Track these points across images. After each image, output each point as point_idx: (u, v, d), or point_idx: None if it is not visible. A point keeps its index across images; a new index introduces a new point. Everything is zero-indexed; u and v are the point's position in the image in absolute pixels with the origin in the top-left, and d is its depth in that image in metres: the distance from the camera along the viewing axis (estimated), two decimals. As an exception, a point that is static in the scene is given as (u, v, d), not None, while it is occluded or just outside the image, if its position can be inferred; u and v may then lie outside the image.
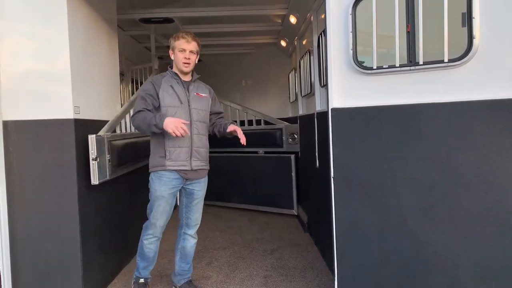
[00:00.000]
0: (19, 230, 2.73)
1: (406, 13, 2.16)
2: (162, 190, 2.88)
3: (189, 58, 2.83)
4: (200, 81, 3.07)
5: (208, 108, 3.00)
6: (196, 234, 3.19)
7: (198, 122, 2.91)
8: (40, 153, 2.77)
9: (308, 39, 4.48)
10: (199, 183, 3.00)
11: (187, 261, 3.19)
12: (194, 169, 2.90)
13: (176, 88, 2.85)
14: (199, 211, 3.11)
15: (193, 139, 2.87)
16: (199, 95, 2.95)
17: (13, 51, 2.69)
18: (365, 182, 2.31)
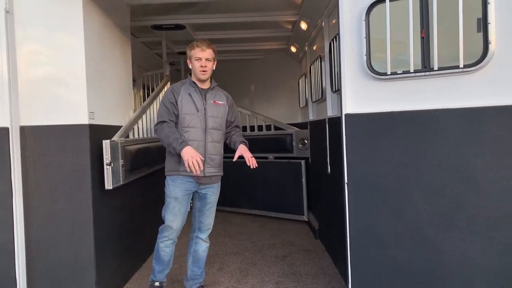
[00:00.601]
0: (35, 234, 2.76)
1: (420, 19, 2.16)
2: (176, 191, 2.94)
3: (205, 65, 2.88)
4: (219, 88, 3.11)
5: (224, 116, 3.04)
6: (208, 239, 3.20)
7: (213, 130, 2.95)
8: (56, 158, 2.80)
9: (319, 44, 4.49)
10: (212, 188, 3.05)
11: (199, 266, 3.20)
12: (207, 175, 2.94)
13: (193, 96, 2.91)
14: (212, 216, 3.14)
15: (207, 146, 2.92)
16: (216, 102, 2.99)
17: (31, 58, 2.75)
18: (380, 189, 2.30)
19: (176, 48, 6.15)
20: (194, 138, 2.87)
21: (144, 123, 4.11)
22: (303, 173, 5.47)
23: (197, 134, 2.89)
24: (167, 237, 3.04)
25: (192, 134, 2.87)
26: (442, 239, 2.16)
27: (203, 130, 2.90)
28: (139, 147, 3.62)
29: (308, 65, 5.21)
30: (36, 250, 2.78)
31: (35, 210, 2.76)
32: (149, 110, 4.27)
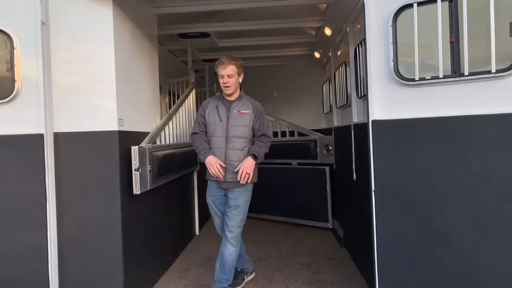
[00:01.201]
0: (66, 236, 2.85)
1: (450, 23, 2.12)
2: (207, 197, 3.34)
3: (227, 82, 3.09)
4: (247, 98, 3.26)
5: (249, 124, 3.17)
6: (235, 244, 3.20)
7: (234, 138, 3.11)
8: (87, 163, 2.89)
9: (343, 50, 4.47)
10: (233, 192, 3.17)
11: (224, 270, 3.20)
12: (228, 181, 3.14)
13: (219, 108, 3.19)
14: (234, 219, 3.17)
15: (228, 153, 3.12)
16: (240, 112, 3.15)
17: (64, 66, 2.86)
18: (408, 197, 2.25)
19: (201, 56, 6.26)
20: (217, 146, 3.15)
21: (171, 130, 4.19)
22: (328, 180, 5.41)
23: (220, 142, 3.13)
24: (220, 235, 3.40)
25: (215, 142, 3.15)
26: (472, 248, 2.09)
27: (224, 138, 3.12)
28: (166, 153, 3.69)
29: (332, 71, 5.18)
30: (68, 251, 2.86)
31: (67, 213, 2.85)
32: (175, 117, 4.35)
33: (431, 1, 2.15)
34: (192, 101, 5.13)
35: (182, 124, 4.66)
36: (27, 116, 2.67)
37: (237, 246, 3.22)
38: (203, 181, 5.77)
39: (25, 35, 2.65)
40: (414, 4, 2.19)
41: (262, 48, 6.12)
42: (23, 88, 2.65)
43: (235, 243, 3.20)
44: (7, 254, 2.68)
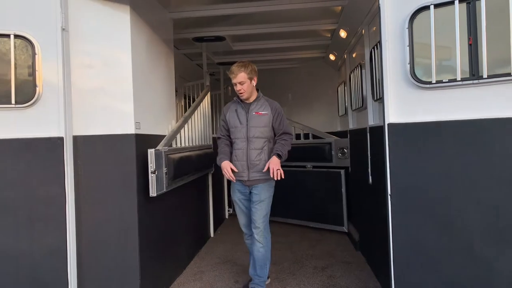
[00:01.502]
0: (85, 237, 2.91)
1: (468, 25, 2.09)
2: (233, 195, 3.48)
3: (240, 89, 3.25)
4: (265, 99, 3.39)
5: (269, 124, 3.32)
6: (263, 240, 3.31)
7: (254, 138, 3.28)
8: (104, 166, 2.95)
9: (359, 52, 4.44)
10: (257, 187, 3.32)
11: (254, 266, 3.38)
12: (252, 179, 3.30)
13: (238, 111, 3.35)
14: (258, 213, 3.31)
15: (249, 153, 3.29)
16: (258, 113, 3.30)
17: (83, 71, 2.92)
18: (425, 201, 2.22)
19: (216, 59, 6.31)
20: (239, 147, 3.32)
21: (186, 132, 4.23)
22: (343, 183, 5.37)
23: (241, 143, 3.31)
24: (244, 232, 3.56)
25: (238, 144, 3.33)
26: (494, 255, 2.05)
27: (245, 140, 3.29)
28: (181, 155, 3.73)
29: (347, 73, 5.15)
30: (86, 253, 2.92)
31: (86, 215, 2.91)
32: (190, 119, 4.39)
33: (448, 3, 2.12)
34: (207, 104, 5.17)
35: (198, 127, 4.71)
36: (48, 119, 2.74)
37: (264, 242, 3.33)
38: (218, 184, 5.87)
39: (46, 40, 2.72)
40: (431, 6, 2.16)
41: (277, 51, 6.13)
42: (44, 93, 2.72)
43: (262, 239, 3.32)
44: (29, 254, 2.74)
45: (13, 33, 2.65)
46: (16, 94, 2.67)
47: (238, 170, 3.29)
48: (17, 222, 2.73)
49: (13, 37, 2.65)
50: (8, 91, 2.66)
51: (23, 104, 2.69)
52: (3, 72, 2.66)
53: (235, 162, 3.32)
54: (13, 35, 2.65)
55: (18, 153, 2.72)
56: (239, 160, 3.31)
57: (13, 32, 2.65)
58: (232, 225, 5.77)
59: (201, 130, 4.84)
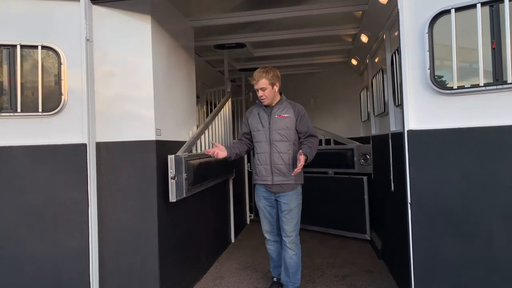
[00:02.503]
0: (107, 241, 2.98)
1: (491, 29, 2.02)
2: (257, 201, 3.45)
3: (261, 95, 3.25)
4: (288, 101, 3.38)
5: (292, 127, 3.27)
6: (295, 247, 3.31)
7: (277, 142, 3.24)
8: (126, 172, 3.02)
9: (380, 57, 4.36)
10: (285, 196, 3.26)
11: (287, 273, 3.35)
12: (276, 183, 3.24)
13: (261, 114, 3.33)
14: (289, 223, 3.28)
15: (273, 157, 3.25)
16: (281, 116, 3.27)
17: (106, 79, 3.02)
18: (447, 210, 2.15)
19: (237, 65, 6.36)
20: (261, 151, 3.29)
21: (207, 138, 4.28)
22: (365, 190, 5.27)
23: (264, 147, 3.28)
24: (266, 237, 3.50)
25: (260, 148, 3.30)
26: (519, 268, 1.95)
27: (268, 143, 3.26)
28: (201, 161, 3.77)
29: (370, 78, 5.07)
30: (107, 256, 2.99)
31: (107, 219, 2.99)
32: (211, 125, 4.44)
33: (470, 6, 2.06)
34: (228, 110, 5.22)
35: (218, 133, 4.75)
36: (72, 127, 2.84)
37: (296, 250, 3.33)
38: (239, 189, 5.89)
39: (71, 51, 2.84)
40: (452, 10, 2.11)
41: (298, 56, 6.11)
42: (69, 101, 2.82)
43: (293, 247, 3.31)
44: (53, 256, 2.84)
45: (41, 44, 2.78)
46: (43, 103, 2.79)
47: (262, 174, 3.28)
48: (42, 225, 2.83)
49: (40, 48, 2.77)
50: (36, 99, 2.78)
51: (49, 112, 2.80)
52: (31, 81, 2.79)
53: (258, 166, 3.30)
54: (41, 46, 2.77)
55: (43, 159, 2.83)
56: (262, 164, 3.28)
57: (40, 43, 2.78)
58: (254, 231, 5.77)
59: (222, 136, 4.88)
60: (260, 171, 3.28)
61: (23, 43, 2.75)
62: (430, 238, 2.20)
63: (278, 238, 3.47)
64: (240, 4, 3.96)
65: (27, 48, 2.77)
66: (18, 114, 2.75)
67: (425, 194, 2.22)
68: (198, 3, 3.79)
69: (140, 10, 3.04)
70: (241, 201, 6.06)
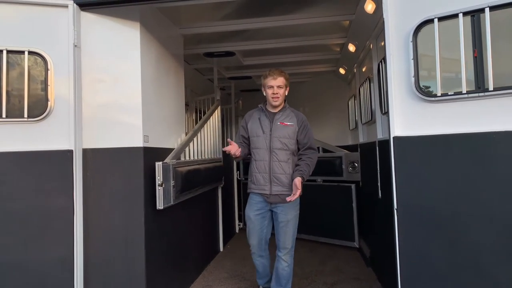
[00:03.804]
0: (92, 250, 2.93)
1: (472, 38, 2.07)
2: (249, 211, 3.24)
3: (277, 92, 3.13)
4: (291, 110, 3.26)
5: (294, 136, 3.15)
6: (289, 258, 3.20)
7: (278, 150, 3.10)
8: (113, 178, 2.99)
9: (367, 66, 4.44)
10: (284, 207, 3.12)
11: (279, 283, 3.23)
12: (274, 193, 3.11)
13: (262, 120, 3.19)
14: (286, 235, 3.16)
15: (272, 166, 3.11)
16: (284, 123, 3.15)
17: (94, 86, 3.00)
18: (432, 216, 2.17)
19: (227, 74, 6.38)
20: (260, 158, 3.14)
21: (195, 146, 4.27)
22: (354, 198, 5.30)
23: (263, 154, 3.13)
24: (252, 251, 3.33)
25: (259, 155, 3.15)
26: (503, 272, 1.98)
27: (268, 151, 3.11)
28: (190, 168, 3.75)
29: (357, 87, 5.14)
30: (93, 264, 2.94)
31: (93, 227, 2.94)
32: (200, 133, 4.43)
33: (452, 16, 2.11)
34: (217, 118, 5.22)
35: (207, 141, 4.74)
36: (58, 133, 2.80)
37: (290, 261, 3.21)
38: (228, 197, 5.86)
39: (59, 57, 2.81)
40: (435, 19, 2.16)
41: (287, 65, 6.16)
42: (55, 107, 2.79)
43: (287, 258, 3.19)
44: (38, 264, 2.77)
45: (28, 49, 2.75)
46: (28, 109, 2.75)
47: (259, 183, 3.13)
48: (26, 232, 2.77)
49: (27, 54, 2.75)
50: (21, 105, 2.74)
51: (35, 118, 2.76)
52: (17, 87, 2.75)
53: (256, 174, 3.14)
54: (27, 52, 2.75)
55: (29, 165, 2.78)
56: (260, 172, 3.12)
57: (27, 48, 2.75)
58: (242, 240, 5.71)
59: (211, 143, 4.88)
60: (258, 180, 3.13)
61: (10, 49, 2.72)
62: (417, 244, 2.22)
63: (265, 254, 3.33)
64: (229, 13, 4.00)
65: (14, 53, 2.74)
66: (3, 119, 2.71)
67: (411, 200, 2.24)
68: (187, 11, 3.81)
69: (129, 17, 3.04)
70: (230, 209, 6.04)
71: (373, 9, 3.34)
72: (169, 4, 3.15)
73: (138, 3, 2.87)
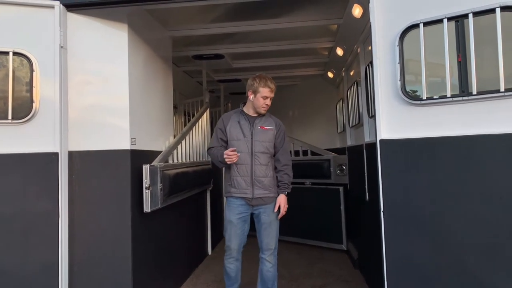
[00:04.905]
0: (78, 255, 2.89)
1: (456, 43, 2.11)
2: (230, 215, 3.19)
3: (269, 103, 3.18)
4: (269, 114, 3.30)
5: (273, 140, 3.20)
6: (273, 259, 3.20)
7: (259, 153, 3.13)
8: (99, 181, 2.95)
9: (355, 70, 4.48)
10: (266, 208, 3.16)
11: (266, 286, 3.23)
12: (256, 196, 3.12)
13: (242, 123, 3.19)
14: (270, 236, 3.18)
15: (254, 169, 3.12)
16: (263, 128, 3.18)
17: (81, 88, 2.96)
18: (418, 217, 2.20)
19: (216, 76, 6.38)
20: (242, 162, 3.11)
21: (184, 149, 4.24)
22: (342, 200, 5.33)
23: (245, 158, 3.11)
24: (229, 255, 3.25)
25: (240, 158, 3.08)
26: (487, 273, 2.01)
27: (249, 154, 3.11)
28: (178, 171, 3.73)
29: (345, 90, 5.19)
30: (78, 269, 2.89)
31: (79, 231, 2.89)
32: (188, 136, 4.41)
33: (437, 21, 2.15)
34: (206, 121, 5.21)
35: (196, 143, 4.72)
36: (44, 135, 2.76)
37: (274, 262, 3.21)
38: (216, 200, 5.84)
39: (44, 58, 2.77)
40: (420, 24, 2.20)
41: (276, 69, 6.19)
42: (41, 109, 2.75)
43: (272, 259, 3.20)
44: (21, 269, 2.72)
45: (12, 50, 2.71)
46: (13, 110, 2.70)
47: (241, 187, 3.12)
48: (10, 237, 2.72)
49: (11, 54, 2.70)
50: (6, 107, 2.69)
51: (20, 120, 2.72)
52: (1, 88, 2.70)
53: (237, 177, 3.13)
54: (12, 52, 2.71)
55: (13, 168, 2.73)
56: (242, 176, 3.11)
57: (12, 49, 2.71)
58: (231, 243, 5.71)
59: (199, 146, 4.86)
60: (239, 183, 3.12)
61: (-6, 49, 2.68)
62: (402, 245, 2.25)
63: (240, 257, 3.30)
64: (219, 16, 4.00)
65: (-2, 54, 2.70)
66: (-14, 121, 2.66)
67: (397, 202, 2.27)
68: (176, 13, 3.80)
69: (117, 19, 3.02)
70: (218, 212, 6.01)
71: (360, 13, 3.38)
72: (157, 6, 3.14)
73: (125, 5, 2.85)
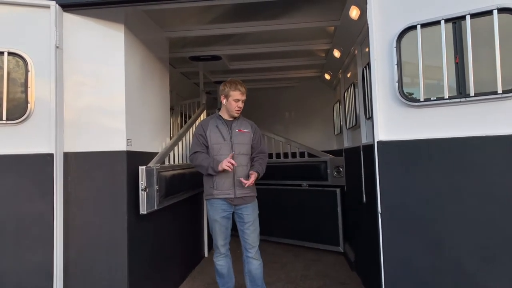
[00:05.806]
0: (73, 255, 2.86)
1: (454, 44, 2.11)
2: (214, 214, 3.29)
3: (241, 106, 3.30)
4: (243, 118, 3.44)
5: (250, 141, 3.36)
6: (259, 256, 3.32)
7: (240, 155, 3.26)
8: (95, 183, 2.93)
9: (352, 71, 4.48)
10: (248, 208, 3.29)
11: (257, 284, 3.30)
12: (238, 196, 3.23)
13: (220, 128, 3.30)
14: (253, 234, 3.30)
15: (236, 170, 3.21)
16: (241, 130, 3.34)
17: (77, 89, 2.93)
18: (416, 219, 2.19)
19: (212, 78, 6.36)
20: None
21: (180, 150, 4.22)
22: (339, 202, 5.32)
23: None
24: (218, 252, 3.37)
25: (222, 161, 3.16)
26: (484, 274, 2.01)
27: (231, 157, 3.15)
28: (174, 173, 3.71)
29: (342, 92, 5.19)
30: (73, 271, 2.86)
31: (74, 233, 2.87)
32: (185, 137, 4.39)
33: (434, 23, 2.15)
34: (203, 122, 5.18)
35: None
36: (39, 136, 2.74)
37: (259, 258, 3.32)
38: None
39: (40, 58, 2.75)
40: (418, 25, 2.20)
41: (273, 70, 6.19)
42: (36, 109, 2.73)
43: (258, 256, 3.31)
44: (15, 272, 2.69)
45: (7, 50, 2.69)
46: (7, 111, 2.68)
47: (223, 188, 3.21)
48: (4, 239, 2.69)
49: (6, 54, 2.68)
50: (0, 108, 2.67)
51: (15, 121, 2.69)
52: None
53: (219, 179, 3.21)
54: (7, 52, 2.68)
55: (7, 169, 2.71)
56: (224, 177, 3.21)
57: (7, 49, 2.68)
58: (227, 245, 5.69)
59: (196, 148, 4.83)
60: (222, 185, 3.20)
61: (-12, 49, 2.65)
62: (400, 247, 2.24)
63: (229, 253, 3.42)
64: (216, 17, 3.99)
65: (-8, 54, 2.67)
66: (-20, 122, 2.63)
67: (394, 204, 2.26)
68: (174, 14, 3.78)
69: (113, 19, 3.00)
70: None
71: (357, 15, 3.38)
72: (154, 6, 3.13)
73: (121, 5, 2.84)
